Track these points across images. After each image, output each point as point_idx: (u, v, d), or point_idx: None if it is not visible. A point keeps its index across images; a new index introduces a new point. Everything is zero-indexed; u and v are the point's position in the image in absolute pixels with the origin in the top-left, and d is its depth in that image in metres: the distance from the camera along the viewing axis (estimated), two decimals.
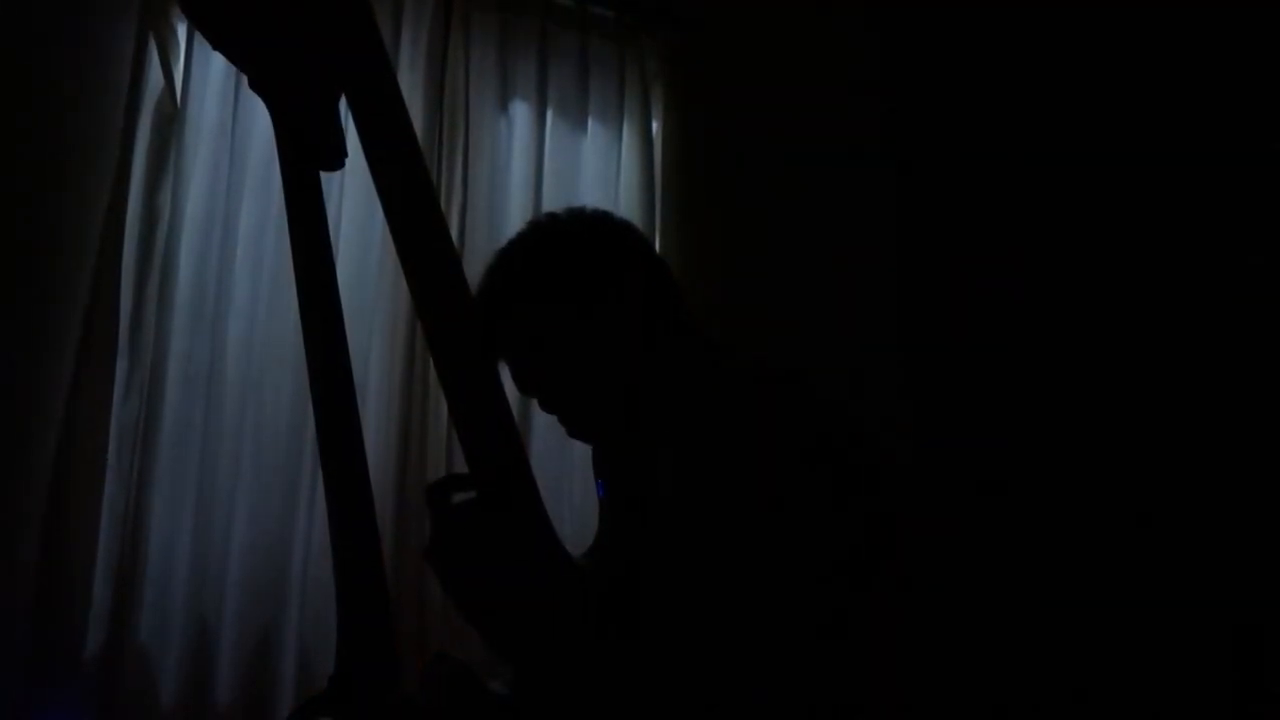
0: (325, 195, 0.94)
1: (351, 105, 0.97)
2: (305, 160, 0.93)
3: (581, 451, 2.11)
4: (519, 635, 0.81)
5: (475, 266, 1.05)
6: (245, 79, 0.96)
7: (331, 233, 1.86)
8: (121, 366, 1.85)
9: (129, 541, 1.80)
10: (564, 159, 2.35)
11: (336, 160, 0.97)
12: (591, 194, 2.34)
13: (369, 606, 0.88)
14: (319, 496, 1.87)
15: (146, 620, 1.81)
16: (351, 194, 2.06)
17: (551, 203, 2.24)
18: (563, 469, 2.16)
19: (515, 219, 2.18)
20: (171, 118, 1.95)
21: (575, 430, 1.06)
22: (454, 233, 2.06)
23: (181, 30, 1.98)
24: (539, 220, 1.09)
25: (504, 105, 2.30)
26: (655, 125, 2.49)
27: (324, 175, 0.96)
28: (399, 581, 1.93)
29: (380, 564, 0.88)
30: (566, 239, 1.05)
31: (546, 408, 1.05)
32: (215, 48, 0.95)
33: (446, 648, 1.86)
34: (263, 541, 1.91)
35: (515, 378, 1.05)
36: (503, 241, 1.12)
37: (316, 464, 1.84)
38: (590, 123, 2.41)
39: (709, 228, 2.49)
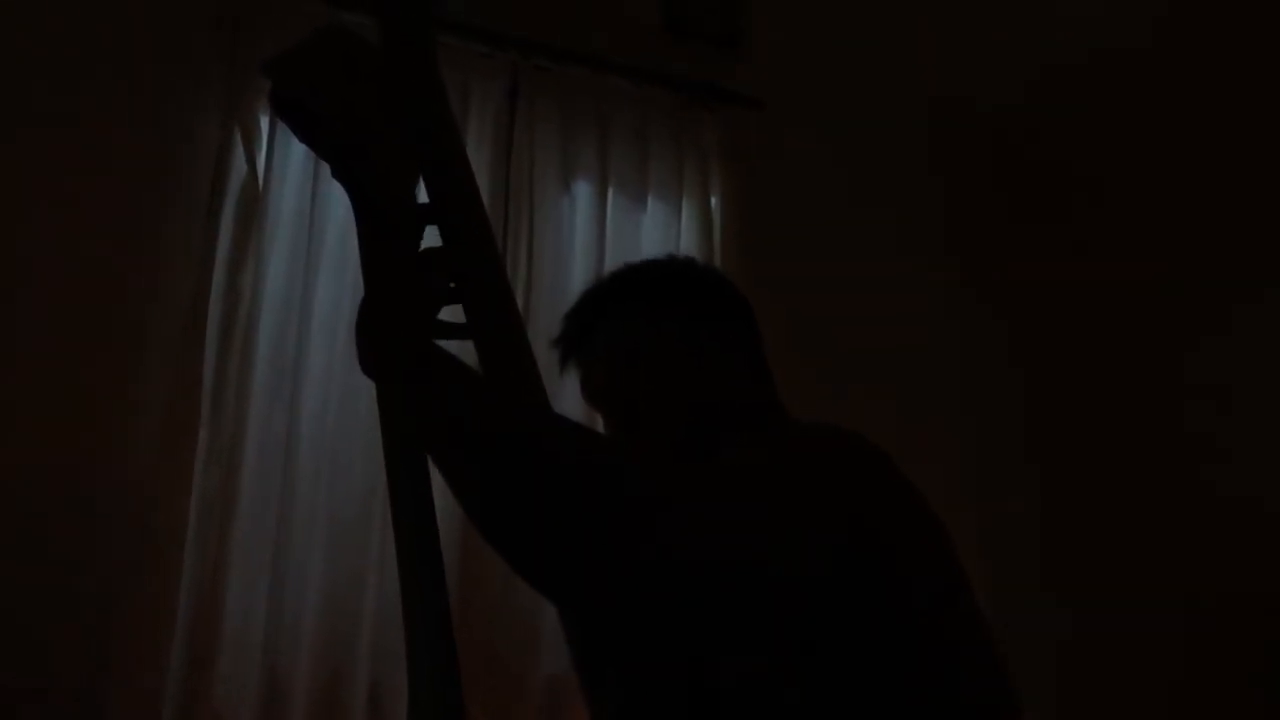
0: None
1: (428, 186, 1.04)
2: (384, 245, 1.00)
3: None
4: None
5: (539, 341, 1.11)
6: (327, 168, 1.03)
7: None
8: (204, 437, 1.94)
9: (207, 607, 1.87)
10: (625, 235, 2.42)
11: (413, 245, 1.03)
12: None
13: (438, 668, 0.91)
14: (389, 558, 1.92)
15: (221, 683, 1.86)
16: None
17: None
18: None
19: (578, 294, 2.25)
20: (254, 203, 2.06)
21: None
22: (519, 307, 2.12)
23: (264, 122, 2.10)
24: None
25: (567, 185, 2.39)
26: (714, 200, 2.55)
27: None
28: (467, 640, 1.96)
29: (449, 624, 0.92)
30: (665, 262, 1.20)
31: (608, 417, 1.10)
32: (302, 140, 1.03)
33: (510, 700, 1.90)
34: (334, 605, 1.97)
35: (585, 382, 1.12)
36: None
37: (387, 526, 1.89)
38: (650, 200, 2.48)
39: (767, 303, 2.50)
